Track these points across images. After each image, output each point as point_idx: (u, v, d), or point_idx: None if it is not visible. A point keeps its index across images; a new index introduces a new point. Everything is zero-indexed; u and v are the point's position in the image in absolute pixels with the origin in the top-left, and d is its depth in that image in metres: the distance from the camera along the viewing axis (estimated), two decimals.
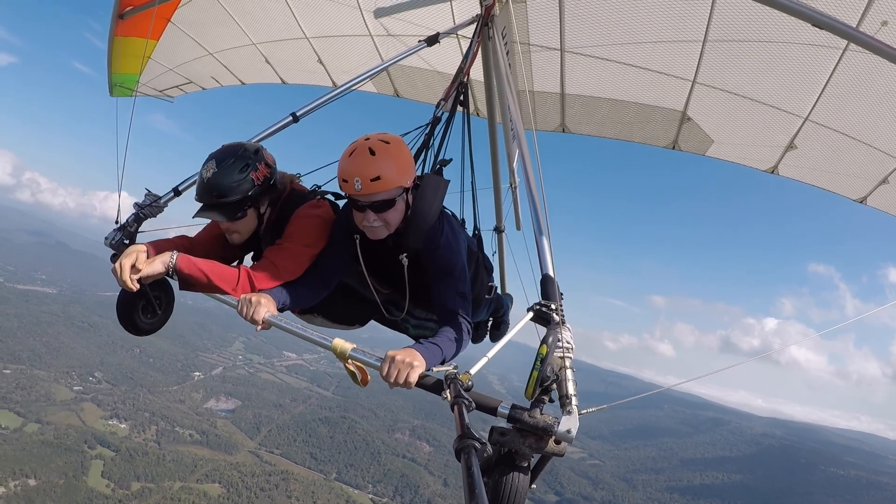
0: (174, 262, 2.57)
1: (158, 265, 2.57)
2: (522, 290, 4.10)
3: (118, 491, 62.00)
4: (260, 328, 2.46)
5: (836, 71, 3.99)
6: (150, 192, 3.30)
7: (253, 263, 2.88)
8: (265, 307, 2.49)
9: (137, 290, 2.62)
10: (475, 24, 4.22)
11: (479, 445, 1.65)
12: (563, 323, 2.22)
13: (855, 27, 3.33)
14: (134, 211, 3.19)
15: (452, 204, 5.69)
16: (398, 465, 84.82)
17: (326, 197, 3.21)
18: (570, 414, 1.92)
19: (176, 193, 3.36)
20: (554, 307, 2.29)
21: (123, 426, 76.98)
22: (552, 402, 2.00)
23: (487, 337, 4.57)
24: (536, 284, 2.53)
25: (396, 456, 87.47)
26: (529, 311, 2.34)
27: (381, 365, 2.16)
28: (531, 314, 2.31)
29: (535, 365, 2.00)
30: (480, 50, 4.27)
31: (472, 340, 3.05)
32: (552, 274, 2.52)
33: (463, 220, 3.87)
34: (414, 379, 2.11)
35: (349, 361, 2.27)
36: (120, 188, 3.28)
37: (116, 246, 3.04)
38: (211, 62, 6.81)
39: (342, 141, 2.84)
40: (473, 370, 2.07)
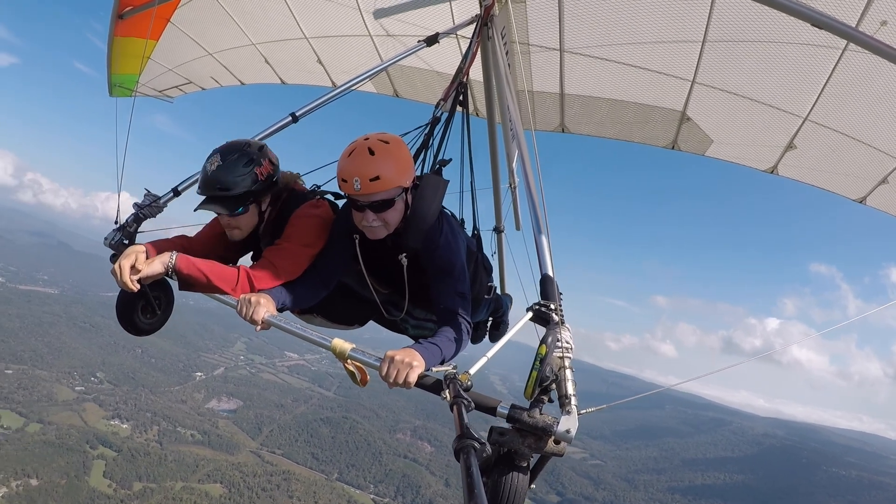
0: (173, 262, 2.57)
1: (158, 265, 2.57)
2: (522, 290, 4.10)
3: (120, 491, 62.08)
4: (259, 328, 2.47)
5: (835, 71, 3.99)
6: (149, 192, 3.30)
7: (252, 263, 2.88)
8: (264, 307, 2.49)
9: (137, 290, 2.62)
10: (474, 24, 4.22)
11: (478, 445, 1.64)
12: (562, 323, 2.21)
13: (854, 27, 3.33)
14: (133, 211, 3.19)
15: (452, 204, 5.69)
16: (400, 465, 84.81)
17: (326, 197, 3.21)
18: (569, 414, 1.92)
19: (175, 194, 3.36)
20: (553, 307, 2.28)
21: (125, 426, 77.05)
22: (551, 402, 2.00)
23: (487, 337, 4.57)
24: (536, 284, 2.53)
25: (398, 456, 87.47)
26: (529, 311, 2.33)
27: (380, 365, 2.16)
28: (530, 314, 2.31)
29: (534, 365, 1.99)
30: (480, 50, 4.27)
31: (471, 341, 3.05)
32: (551, 274, 2.52)
33: (462, 220, 3.87)
34: (413, 379, 2.11)
35: (348, 361, 2.27)
36: (119, 188, 3.28)
37: (116, 246, 3.04)
38: (210, 62, 6.82)
39: (341, 141, 2.84)
40: (473, 370, 2.07)
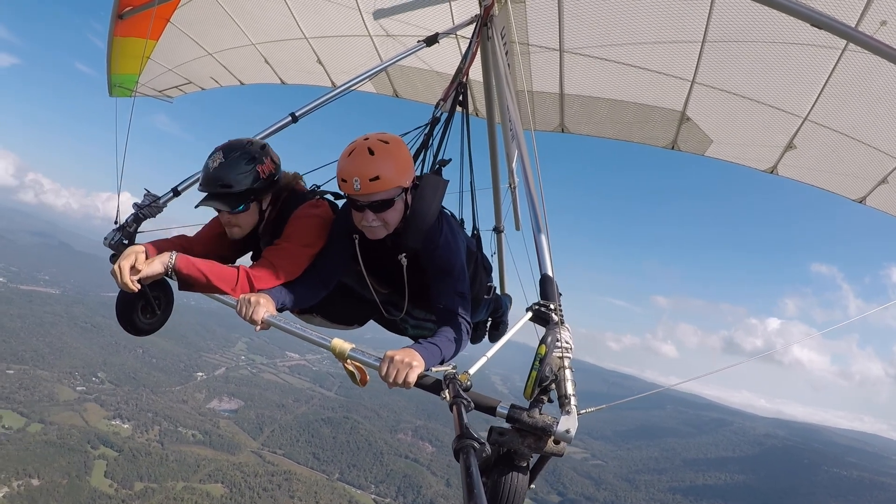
0: (173, 262, 2.57)
1: (157, 265, 2.57)
2: (521, 290, 4.10)
3: (121, 491, 62.05)
4: (259, 328, 2.47)
5: (835, 71, 3.98)
6: (148, 192, 3.31)
7: (252, 263, 2.89)
8: (264, 307, 2.49)
9: (137, 291, 2.62)
10: (474, 24, 4.22)
11: (477, 445, 1.64)
12: (561, 323, 2.21)
13: (854, 27, 3.32)
14: (133, 211, 3.20)
15: (451, 204, 5.69)
16: (401, 465, 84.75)
17: (325, 197, 3.21)
18: (568, 414, 1.92)
19: (175, 194, 3.37)
20: (553, 307, 2.28)
21: (126, 426, 77.05)
22: (551, 402, 2.00)
23: (487, 337, 4.57)
24: (535, 285, 2.53)
25: (399, 456, 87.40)
26: (528, 311, 2.33)
27: (379, 365, 2.17)
28: (530, 314, 2.31)
29: (533, 365, 2.00)
30: (479, 50, 4.27)
31: (471, 341, 3.05)
32: (551, 274, 2.52)
33: (462, 220, 3.87)
34: (413, 379, 2.11)
35: (348, 361, 2.27)
36: (119, 189, 3.28)
37: (115, 246, 3.04)
38: (210, 62, 6.82)
39: (341, 141, 2.84)
40: (472, 370, 2.07)
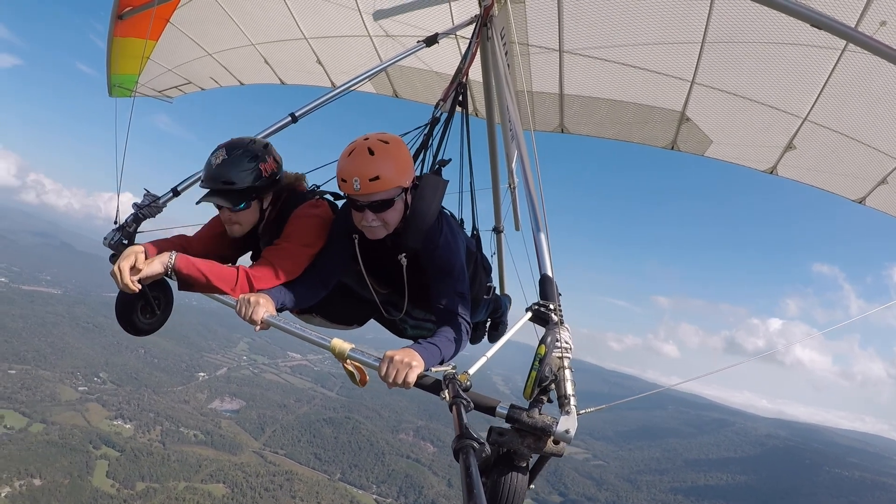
0: (173, 262, 2.57)
1: (157, 266, 2.57)
2: (521, 290, 4.10)
3: (123, 491, 62.14)
4: (258, 328, 2.47)
5: (834, 71, 3.98)
6: (148, 192, 3.31)
7: (252, 263, 2.89)
8: (264, 307, 2.49)
9: (138, 291, 2.62)
10: (474, 24, 4.22)
11: (477, 445, 1.64)
12: (561, 323, 2.21)
13: (853, 27, 3.32)
14: (133, 211, 3.20)
15: (451, 204, 5.69)
16: (402, 465, 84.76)
17: (325, 197, 3.22)
18: (568, 414, 1.92)
19: (175, 194, 3.37)
20: (552, 307, 2.28)
21: (128, 426, 77.17)
22: (551, 402, 1.99)
23: (486, 338, 4.57)
24: (535, 285, 2.53)
25: (400, 456, 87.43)
26: (528, 311, 2.33)
27: (379, 365, 2.17)
28: (530, 314, 2.31)
29: (533, 365, 1.99)
30: (479, 50, 4.27)
31: (470, 341, 3.05)
32: (551, 274, 2.52)
33: (462, 220, 3.87)
34: (412, 379, 2.11)
35: (348, 361, 2.27)
36: (119, 189, 3.28)
37: (115, 246, 3.05)
38: (210, 63, 6.83)
39: (341, 141, 2.85)
40: (472, 370, 2.07)
